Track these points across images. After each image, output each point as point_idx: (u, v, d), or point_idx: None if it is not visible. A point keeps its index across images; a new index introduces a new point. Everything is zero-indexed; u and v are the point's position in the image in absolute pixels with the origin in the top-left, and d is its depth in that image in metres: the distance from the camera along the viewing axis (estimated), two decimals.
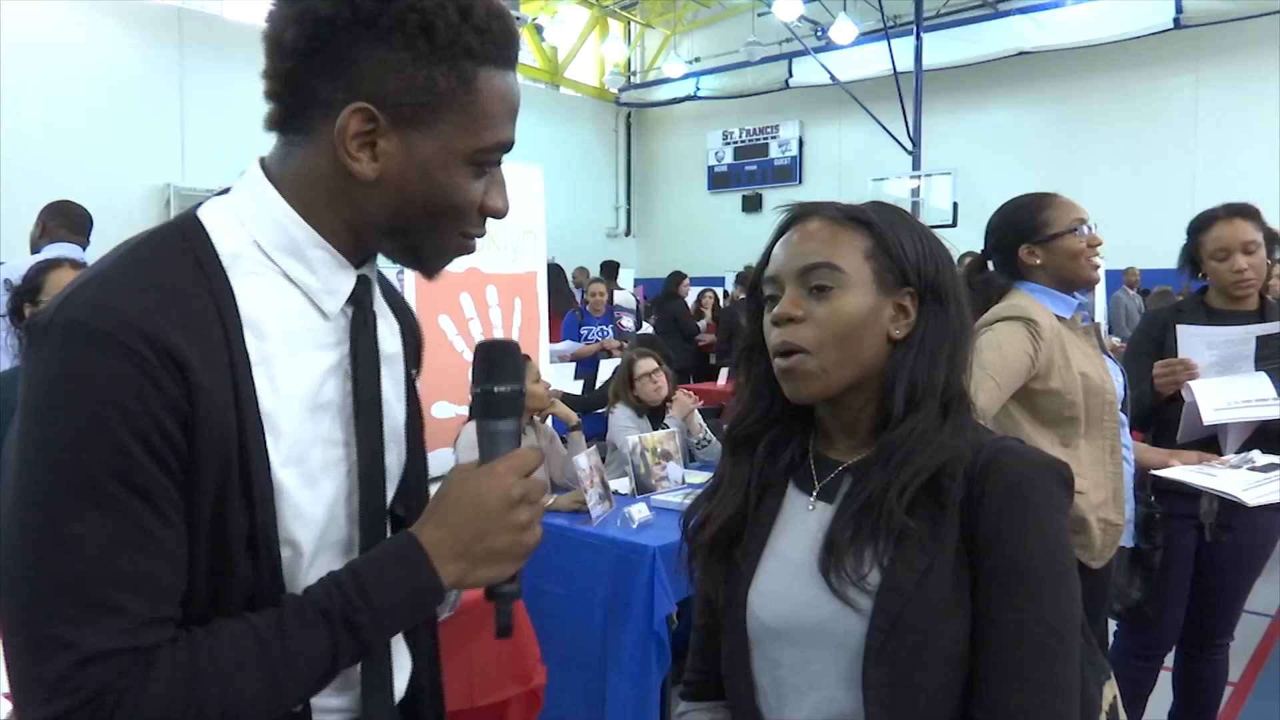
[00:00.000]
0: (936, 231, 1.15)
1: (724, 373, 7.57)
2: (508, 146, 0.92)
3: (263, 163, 0.91)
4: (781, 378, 1.07)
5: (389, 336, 1.01)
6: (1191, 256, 2.68)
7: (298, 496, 0.86)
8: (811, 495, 1.10)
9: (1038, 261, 2.14)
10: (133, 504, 0.76)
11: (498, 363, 0.94)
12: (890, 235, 1.07)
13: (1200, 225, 2.64)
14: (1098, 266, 2.15)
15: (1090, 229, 2.14)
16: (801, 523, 1.09)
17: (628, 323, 8.12)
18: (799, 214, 1.12)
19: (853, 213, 1.09)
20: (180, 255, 0.84)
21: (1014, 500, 0.98)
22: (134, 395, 0.75)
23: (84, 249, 4.19)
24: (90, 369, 0.75)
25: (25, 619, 0.75)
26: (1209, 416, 2.42)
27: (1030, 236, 2.14)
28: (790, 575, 1.06)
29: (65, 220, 4.18)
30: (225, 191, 0.92)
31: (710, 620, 1.17)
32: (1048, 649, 0.95)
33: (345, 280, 0.92)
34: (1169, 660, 2.78)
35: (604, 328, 8.00)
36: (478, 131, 0.88)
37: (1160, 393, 2.53)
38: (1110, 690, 1.20)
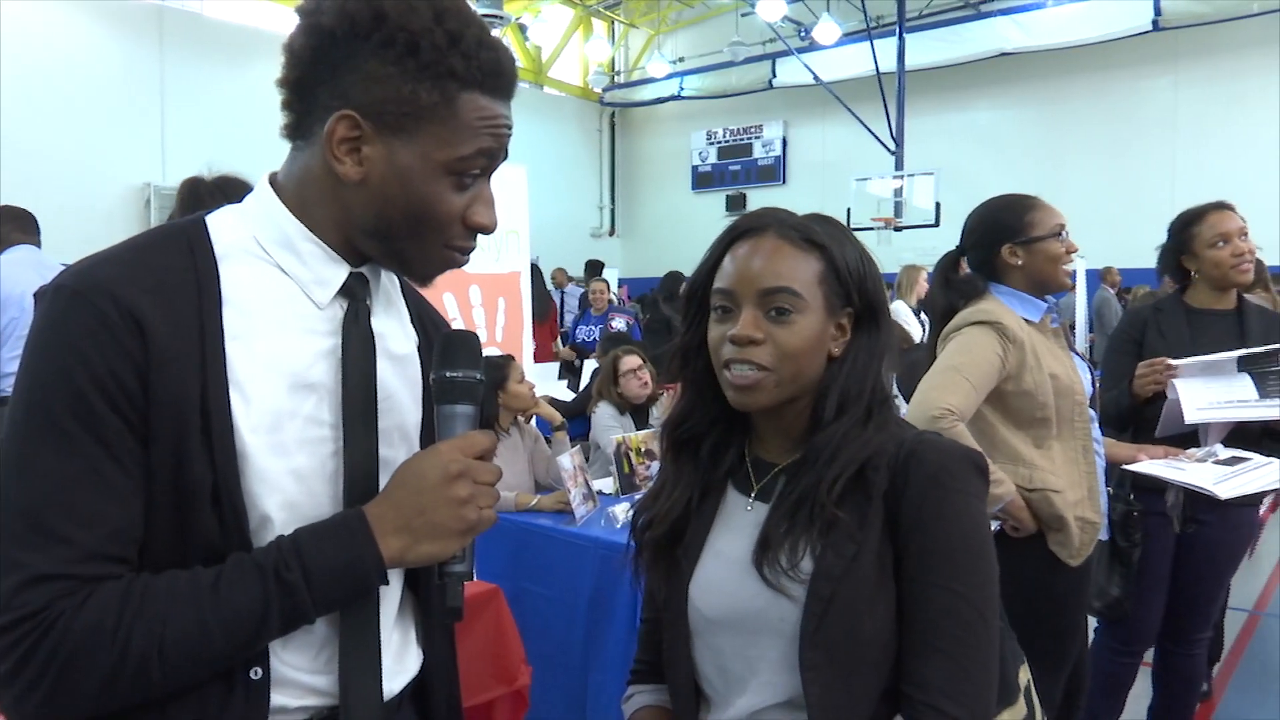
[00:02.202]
0: (919, 232, 1.18)
1: None
2: (490, 154, 0.96)
3: (272, 175, 1.00)
4: (729, 388, 1.11)
5: (400, 338, 1.07)
6: (1177, 255, 2.70)
7: (264, 463, 0.90)
8: (750, 496, 1.16)
9: (1019, 262, 2.16)
10: (88, 444, 0.84)
11: (454, 350, 0.99)
12: (840, 258, 1.11)
13: (1192, 219, 2.68)
14: (1070, 273, 2.19)
15: (1067, 235, 2.17)
16: (740, 521, 1.15)
17: (618, 324, 8.06)
18: (752, 226, 1.14)
19: (807, 233, 1.12)
20: (173, 242, 0.93)
21: (934, 488, 1.04)
22: (94, 347, 0.84)
23: (38, 248, 4.25)
24: (61, 323, 0.85)
25: None
26: (1191, 416, 2.44)
27: (1014, 237, 2.16)
28: (728, 570, 1.12)
29: (20, 224, 4.26)
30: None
31: (656, 614, 1.23)
32: (970, 625, 1.01)
33: (336, 273, 0.98)
34: (1149, 656, 2.80)
35: (594, 327, 8.03)
36: (456, 143, 0.93)
37: (1139, 394, 2.55)
38: (1024, 675, 1.26)
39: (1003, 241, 2.17)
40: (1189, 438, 2.55)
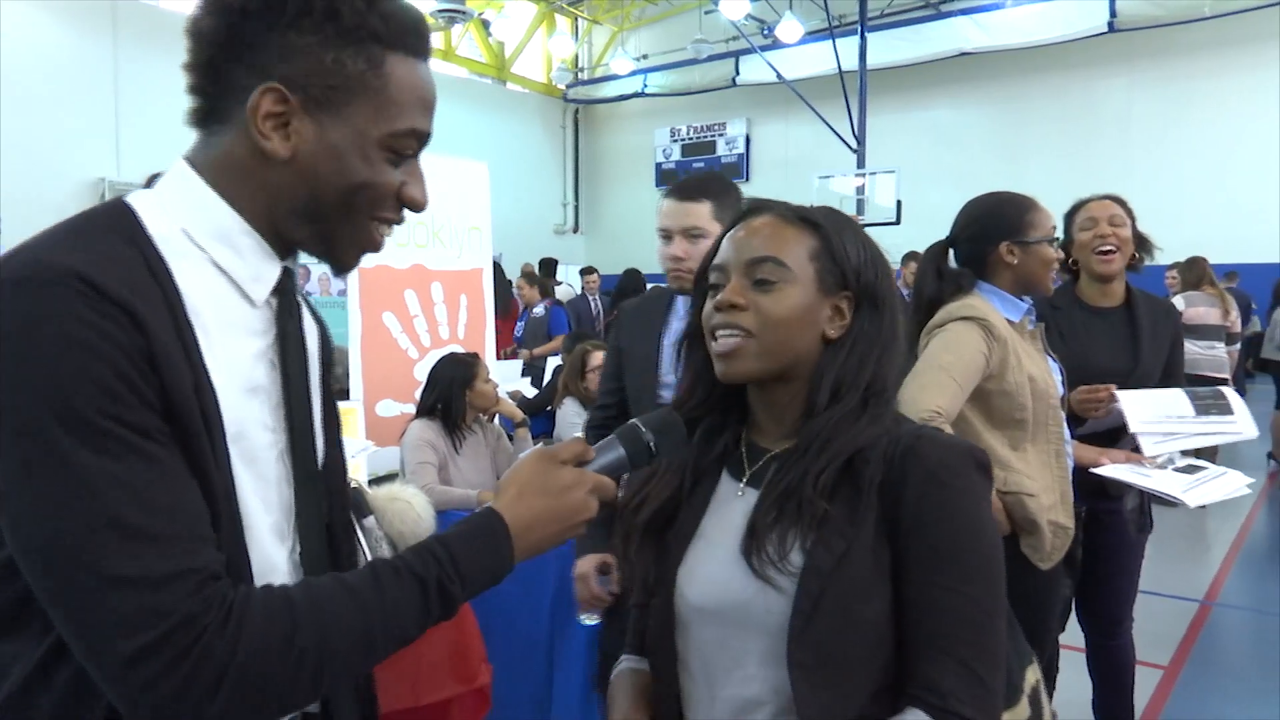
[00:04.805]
0: (880, 229, 1.17)
1: None
2: (422, 136, 0.93)
3: (187, 160, 0.92)
4: (715, 357, 1.11)
5: (312, 335, 1.03)
6: (1066, 247, 2.68)
7: (239, 471, 0.86)
8: (742, 481, 1.14)
9: (1014, 261, 2.16)
10: (133, 439, 0.74)
11: (672, 428, 1.06)
12: (836, 239, 1.11)
13: (1075, 206, 2.72)
14: (1055, 279, 2.20)
15: (1057, 242, 2.19)
16: (731, 507, 1.13)
17: (538, 311, 8.48)
18: (751, 209, 1.16)
19: (803, 213, 1.13)
20: (110, 230, 0.83)
21: (933, 485, 1.01)
22: (99, 337, 0.73)
23: None
24: (49, 317, 0.73)
25: (73, 568, 0.72)
26: (1150, 449, 2.41)
27: (1013, 235, 2.16)
28: (716, 557, 1.10)
29: None
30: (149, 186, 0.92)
31: (646, 599, 1.20)
32: (979, 627, 0.99)
33: (271, 269, 0.92)
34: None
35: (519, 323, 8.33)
36: (390, 118, 0.89)
37: (1078, 413, 2.49)
38: (1033, 675, 1.24)
39: (1001, 238, 2.16)
40: (1117, 434, 2.55)
